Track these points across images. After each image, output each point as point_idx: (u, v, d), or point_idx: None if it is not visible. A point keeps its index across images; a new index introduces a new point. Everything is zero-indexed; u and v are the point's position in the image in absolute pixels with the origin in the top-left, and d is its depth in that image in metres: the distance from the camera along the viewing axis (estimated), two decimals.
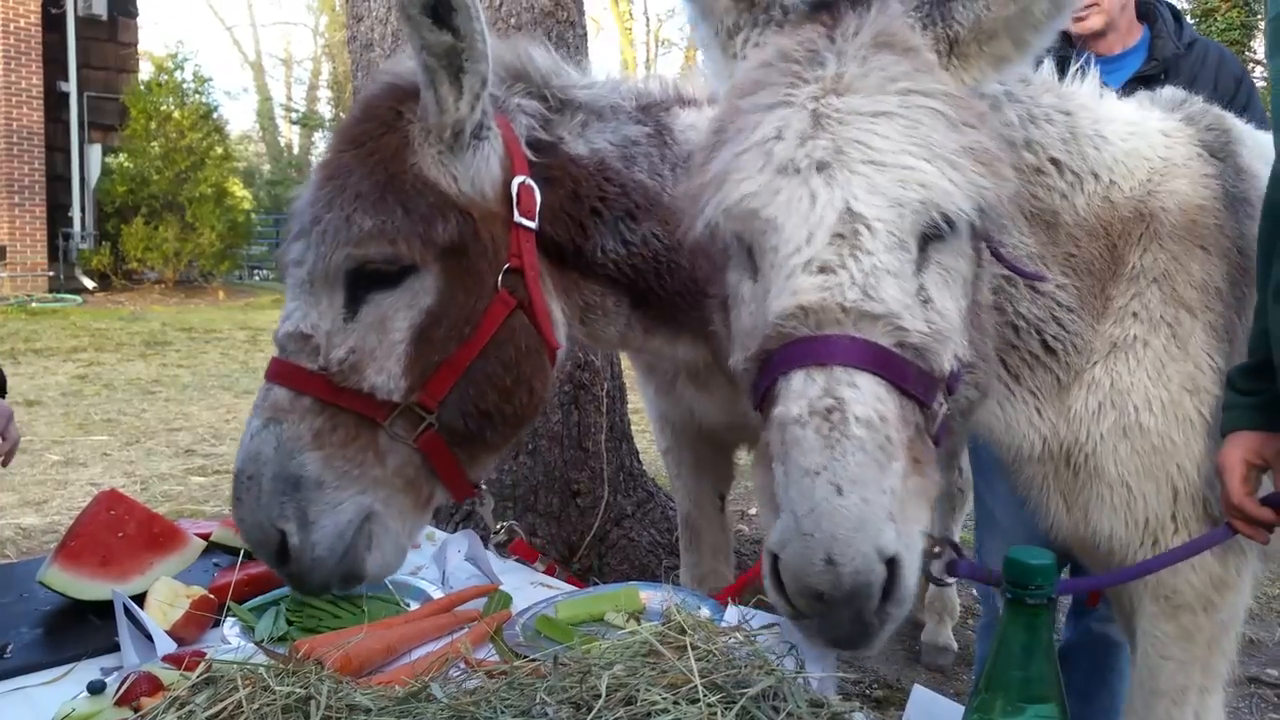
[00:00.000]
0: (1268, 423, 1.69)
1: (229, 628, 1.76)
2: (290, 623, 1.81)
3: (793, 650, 1.40)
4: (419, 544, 2.34)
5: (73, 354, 11.23)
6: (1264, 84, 2.43)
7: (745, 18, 1.62)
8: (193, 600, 1.78)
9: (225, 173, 19.28)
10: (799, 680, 1.30)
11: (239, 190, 21.10)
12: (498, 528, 2.24)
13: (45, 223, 16.51)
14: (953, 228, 1.39)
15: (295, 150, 38.90)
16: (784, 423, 1.28)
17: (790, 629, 1.42)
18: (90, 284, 17.03)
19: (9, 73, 15.90)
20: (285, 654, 1.46)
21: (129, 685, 1.41)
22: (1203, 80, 2.81)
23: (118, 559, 1.93)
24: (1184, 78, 2.80)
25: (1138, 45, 3.14)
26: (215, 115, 19.34)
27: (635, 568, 4.09)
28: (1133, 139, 1.93)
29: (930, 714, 1.44)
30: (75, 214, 17.01)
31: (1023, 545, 1.22)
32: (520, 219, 1.91)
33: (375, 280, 1.81)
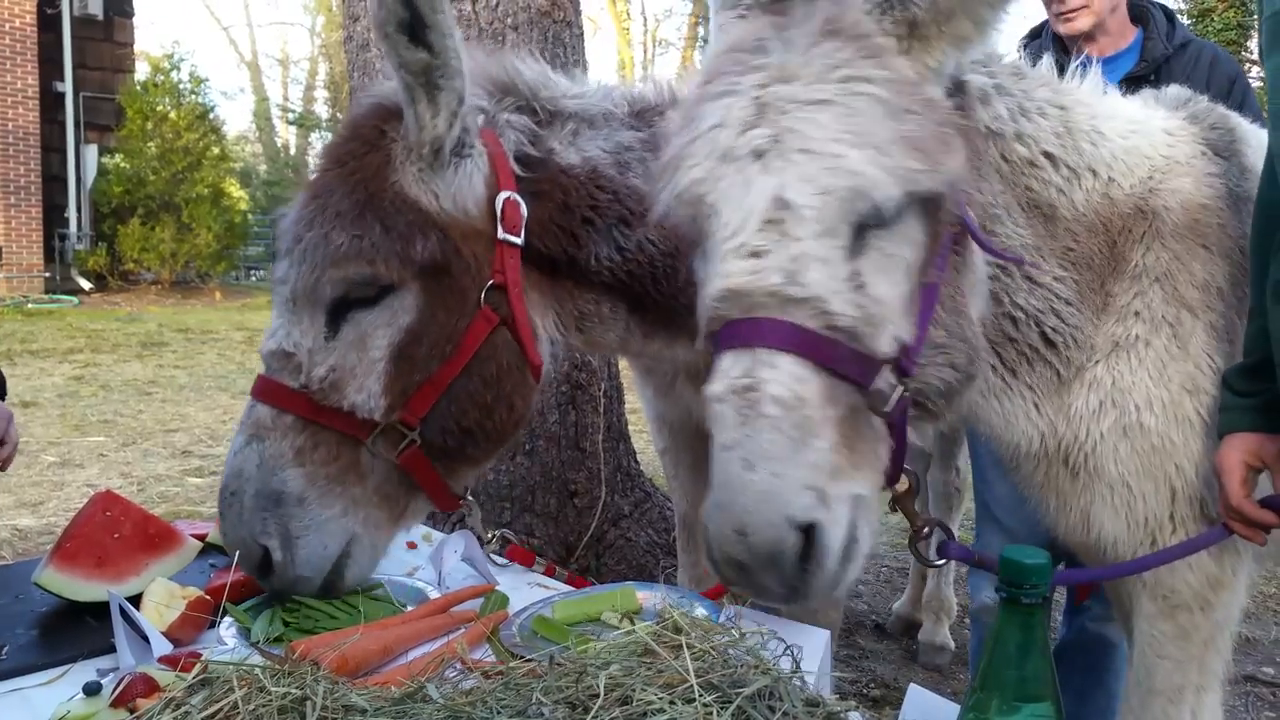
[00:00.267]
0: (1266, 424, 1.69)
1: (225, 629, 1.75)
2: (286, 623, 1.81)
3: (789, 650, 1.41)
4: (415, 544, 2.34)
5: (69, 355, 11.19)
6: (1260, 84, 2.43)
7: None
8: (188, 601, 1.78)
9: (222, 173, 19.28)
10: (795, 680, 1.31)
11: (235, 191, 21.11)
12: (489, 536, 2.23)
13: (41, 223, 16.46)
14: (885, 214, 1.41)
15: (292, 150, 38.93)
16: (709, 400, 1.36)
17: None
18: (86, 285, 16.98)
19: (4, 73, 15.86)
20: (281, 655, 1.46)
21: (125, 686, 1.40)
22: (1195, 81, 2.80)
23: (114, 560, 1.93)
24: (1175, 78, 2.80)
25: (1130, 47, 3.15)
26: (212, 115, 19.33)
27: (633, 568, 4.08)
28: (1134, 136, 1.93)
29: (926, 713, 1.45)
30: (71, 215, 16.97)
31: (1022, 544, 1.22)
32: (505, 235, 1.91)
33: (355, 299, 1.82)
